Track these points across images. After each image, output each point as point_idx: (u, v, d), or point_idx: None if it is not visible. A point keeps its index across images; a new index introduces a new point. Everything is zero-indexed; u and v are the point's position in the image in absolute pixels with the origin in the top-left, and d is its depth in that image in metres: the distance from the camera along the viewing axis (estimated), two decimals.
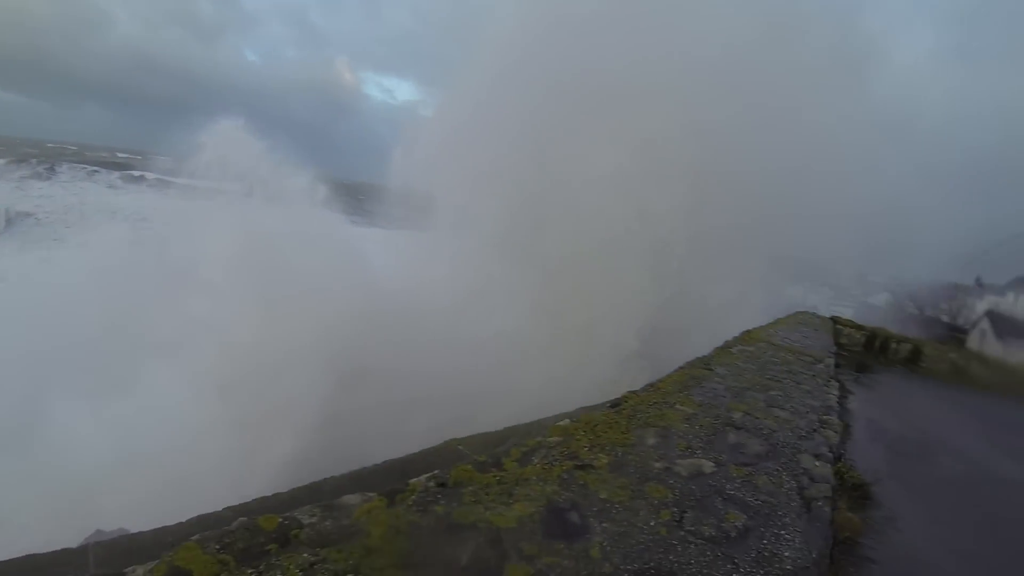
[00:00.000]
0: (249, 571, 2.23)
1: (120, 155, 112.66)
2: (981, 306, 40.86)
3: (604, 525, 2.86)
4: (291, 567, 2.25)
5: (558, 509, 2.93)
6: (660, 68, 28.14)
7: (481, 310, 25.14)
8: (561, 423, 3.93)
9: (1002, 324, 31.07)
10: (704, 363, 6.38)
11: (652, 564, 2.63)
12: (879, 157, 37.07)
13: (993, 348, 25.61)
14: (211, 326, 19.93)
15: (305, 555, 2.31)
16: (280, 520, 2.51)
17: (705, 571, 2.66)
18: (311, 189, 27.24)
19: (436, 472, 3.17)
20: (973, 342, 29.59)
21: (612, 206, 26.39)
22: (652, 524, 2.93)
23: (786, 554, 2.92)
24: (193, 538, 2.34)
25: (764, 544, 2.97)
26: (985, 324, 32.15)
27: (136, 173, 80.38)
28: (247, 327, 19.91)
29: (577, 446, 3.61)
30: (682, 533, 2.91)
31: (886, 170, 36.41)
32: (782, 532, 3.12)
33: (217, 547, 2.31)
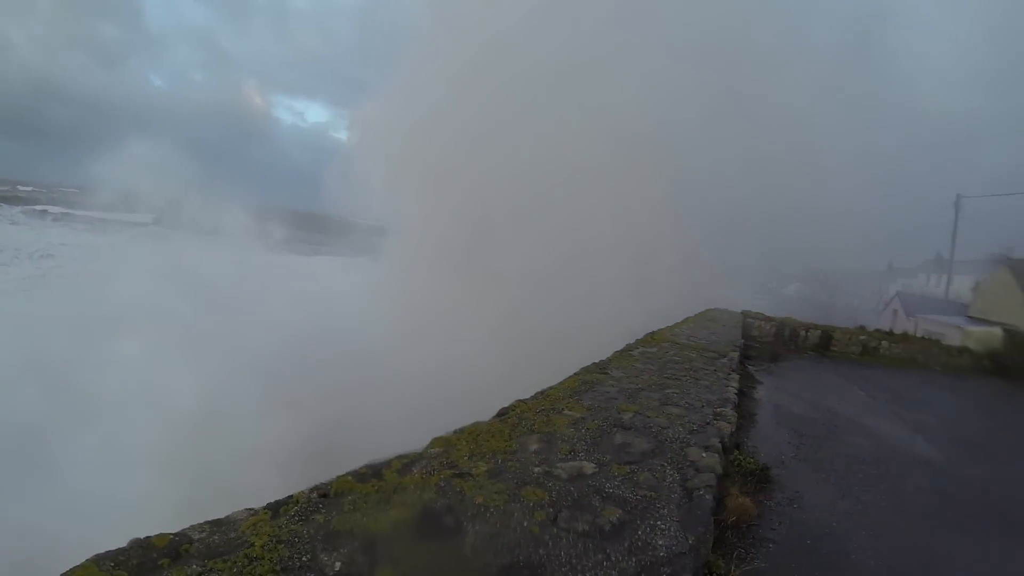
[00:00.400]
0: None
1: (22, 188, 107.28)
2: (893, 288, 43.32)
3: (477, 527, 2.96)
4: None
5: (433, 514, 3.05)
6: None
7: (435, 341, 23.48)
8: (444, 435, 4.00)
9: (911, 302, 32.99)
10: (600, 367, 6.48)
11: (522, 558, 2.74)
12: (798, 152, 38.10)
13: (904, 326, 27.02)
14: (142, 383, 17.64)
15: (195, 567, 2.48)
16: (172, 537, 2.69)
17: (574, 562, 2.75)
18: (232, 220, 25.98)
19: (319, 484, 3.30)
20: (884, 322, 31.24)
21: (585, 208, 24.73)
22: (525, 524, 3.03)
23: (660, 542, 3.00)
24: (89, 558, 2.48)
25: (638, 535, 3.05)
26: (896, 304, 34.06)
27: (39, 208, 77.99)
28: (185, 385, 17.78)
29: (457, 456, 3.69)
30: (555, 530, 3.00)
31: (797, 165, 37.65)
32: (658, 523, 3.20)
33: (112, 564, 2.46)
